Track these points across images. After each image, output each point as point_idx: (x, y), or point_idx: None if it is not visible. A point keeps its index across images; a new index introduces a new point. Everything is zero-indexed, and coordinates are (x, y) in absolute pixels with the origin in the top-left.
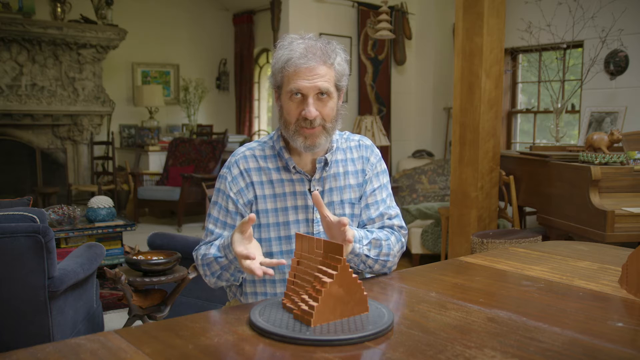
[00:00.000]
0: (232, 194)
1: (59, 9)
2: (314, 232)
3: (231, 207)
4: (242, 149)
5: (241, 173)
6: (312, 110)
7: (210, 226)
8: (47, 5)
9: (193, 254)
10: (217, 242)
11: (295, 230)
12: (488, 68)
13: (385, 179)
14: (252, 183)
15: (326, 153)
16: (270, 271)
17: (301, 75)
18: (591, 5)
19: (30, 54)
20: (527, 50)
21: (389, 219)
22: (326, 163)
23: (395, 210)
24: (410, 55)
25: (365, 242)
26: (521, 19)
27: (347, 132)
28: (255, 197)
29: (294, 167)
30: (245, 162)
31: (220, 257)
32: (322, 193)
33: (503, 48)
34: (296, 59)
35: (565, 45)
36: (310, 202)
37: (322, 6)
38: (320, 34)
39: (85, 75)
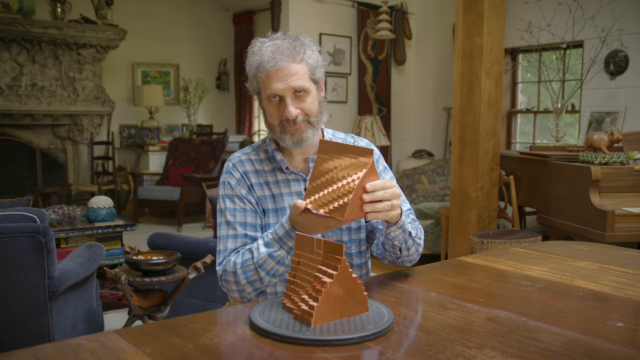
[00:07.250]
0: (244, 194)
1: (59, 9)
2: None
3: (248, 206)
4: (237, 154)
5: (241, 176)
6: (291, 110)
7: (232, 232)
8: (47, 5)
9: (218, 268)
10: (260, 242)
11: None
12: (488, 68)
13: (389, 175)
14: (251, 185)
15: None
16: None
17: (274, 79)
18: (591, 5)
19: (30, 54)
20: (527, 50)
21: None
22: None
23: (407, 205)
24: (410, 55)
25: (410, 217)
26: (521, 19)
27: (352, 135)
28: (257, 198)
29: (287, 168)
30: (242, 165)
31: (275, 251)
32: None
33: (503, 48)
34: (265, 63)
35: (565, 45)
36: None
37: (322, 6)
38: (320, 34)
39: (85, 75)
